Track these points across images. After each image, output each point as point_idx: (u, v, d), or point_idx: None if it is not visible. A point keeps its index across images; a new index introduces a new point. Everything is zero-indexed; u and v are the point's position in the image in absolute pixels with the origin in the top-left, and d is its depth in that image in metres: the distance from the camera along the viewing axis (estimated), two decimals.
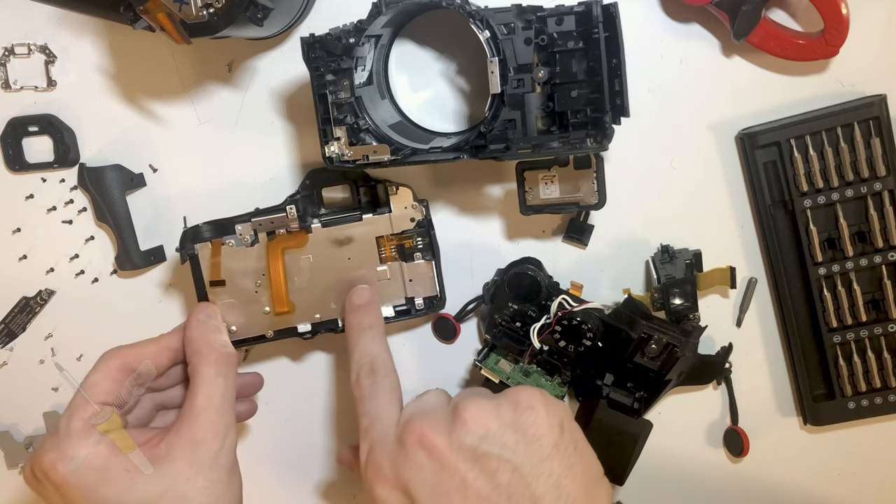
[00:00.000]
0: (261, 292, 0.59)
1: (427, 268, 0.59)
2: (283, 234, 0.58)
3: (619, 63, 0.48)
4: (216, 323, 0.56)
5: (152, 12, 0.48)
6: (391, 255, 0.59)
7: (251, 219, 0.57)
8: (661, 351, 0.55)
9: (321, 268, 0.59)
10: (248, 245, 0.58)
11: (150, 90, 0.63)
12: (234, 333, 0.59)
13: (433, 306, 0.60)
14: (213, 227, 0.58)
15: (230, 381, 0.52)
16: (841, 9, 0.53)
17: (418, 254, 0.59)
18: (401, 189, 0.58)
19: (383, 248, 0.59)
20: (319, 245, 0.58)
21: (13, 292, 0.67)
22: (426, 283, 0.60)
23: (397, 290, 0.60)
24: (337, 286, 0.59)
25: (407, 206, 0.58)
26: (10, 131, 0.63)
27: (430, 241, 0.59)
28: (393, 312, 0.60)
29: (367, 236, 0.58)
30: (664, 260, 0.60)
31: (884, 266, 0.58)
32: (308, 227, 0.58)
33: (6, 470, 0.70)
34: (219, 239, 0.58)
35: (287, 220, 0.57)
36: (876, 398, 0.60)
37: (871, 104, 0.56)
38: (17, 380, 0.69)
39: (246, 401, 0.62)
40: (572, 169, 0.57)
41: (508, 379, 0.59)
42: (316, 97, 0.53)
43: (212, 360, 0.52)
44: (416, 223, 0.58)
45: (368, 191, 0.60)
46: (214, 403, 0.51)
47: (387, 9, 0.50)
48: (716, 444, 0.65)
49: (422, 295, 0.60)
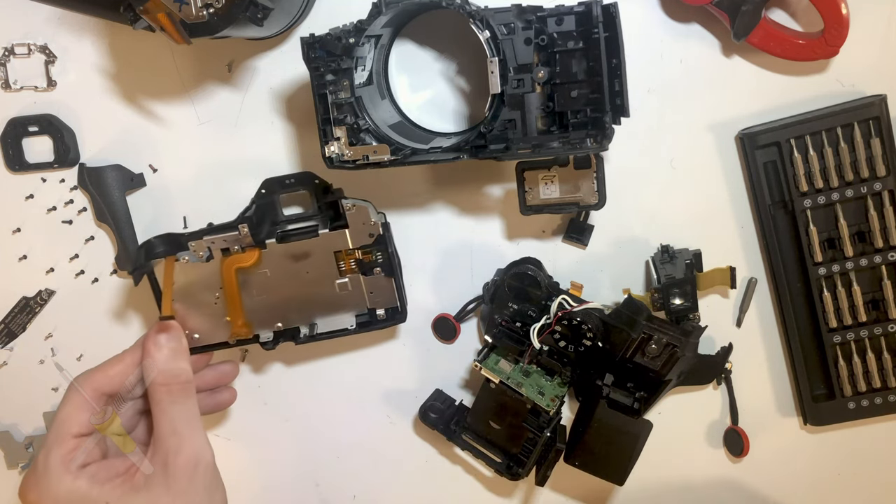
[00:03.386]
0: (220, 304, 0.58)
1: (387, 280, 0.59)
2: (237, 250, 0.57)
3: (619, 63, 0.48)
4: (173, 345, 0.54)
5: (152, 12, 0.48)
6: (351, 268, 0.58)
7: (203, 236, 0.56)
8: (661, 351, 0.55)
9: (279, 281, 0.58)
10: (203, 261, 0.57)
11: (150, 90, 0.63)
12: (196, 340, 0.59)
13: (394, 318, 0.60)
14: (166, 242, 0.57)
15: (188, 405, 0.53)
16: (841, 9, 0.53)
17: (378, 269, 0.58)
18: (357, 206, 0.57)
19: (342, 262, 0.58)
20: (275, 260, 0.58)
21: (13, 292, 0.67)
22: (386, 295, 0.59)
23: (358, 300, 0.59)
24: (297, 297, 0.59)
25: (365, 223, 0.57)
26: (10, 131, 0.63)
27: (388, 256, 0.58)
28: (354, 324, 0.60)
29: (325, 251, 0.58)
30: (664, 260, 0.60)
31: (884, 266, 0.58)
32: (262, 243, 0.57)
33: (6, 470, 0.70)
34: (172, 256, 0.57)
35: (240, 238, 0.57)
36: (876, 398, 0.60)
37: (871, 104, 0.56)
38: (17, 380, 0.68)
39: (225, 389, 0.63)
40: (572, 169, 0.57)
41: (508, 379, 0.58)
42: (316, 97, 0.53)
43: (166, 390, 0.52)
44: (374, 238, 0.57)
45: (328, 205, 0.59)
46: (179, 430, 0.51)
47: (387, 9, 0.50)
48: (716, 444, 0.65)
49: (383, 306, 0.59)
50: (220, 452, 0.70)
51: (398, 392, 0.67)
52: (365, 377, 0.67)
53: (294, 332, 0.60)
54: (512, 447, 0.60)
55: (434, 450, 0.68)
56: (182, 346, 0.55)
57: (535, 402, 0.58)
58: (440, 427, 0.63)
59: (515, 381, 0.58)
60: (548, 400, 0.58)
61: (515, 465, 0.60)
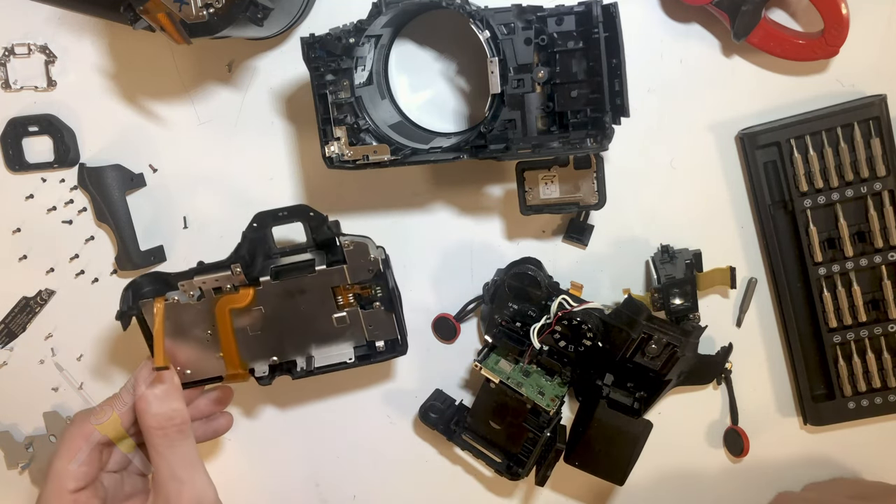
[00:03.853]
0: (213, 338, 0.55)
1: (387, 314, 0.56)
2: (230, 289, 0.54)
3: (619, 63, 0.48)
4: (165, 386, 0.53)
5: (152, 12, 0.48)
6: (349, 302, 0.56)
7: (193, 277, 0.53)
8: (661, 351, 0.55)
9: (274, 317, 0.55)
10: (194, 301, 0.54)
11: (150, 90, 0.63)
12: (188, 376, 0.56)
13: (395, 350, 0.58)
14: (154, 282, 0.54)
15: (185, 447, 0.52)
16: (841, 9, 0.53)
17: (377, 303, 0.56)
18: (356, 242, 0.54)
19: (340, 296, 0.56)
20: (270, 297, 0.55)
21: (13, 292, 0.67)
22: (386, 327, 0.57)
23: (357, 333, 0.57)
24: (293, 332, 0.56)
25: (364, 259, 0.54)
26: (10, 131, 0.63)
27: (388, 292, 0.55)
28: (353, 357, 0.57)
29: (323, 287, 0.55)
30: (664, 260, 0.60)
31: (884, 266, 0.58)
32: (256, 280, 0.54)
33: (6, 470, 0.70)
34: (161, 296, 0.54)
35: (233, 278, 0.54)
36: (876, 398, 0.60)
37: (871, 104, 0.56)
38: (17, 380, 0.68)
39: (220, 415, 0.61)
40: (572, 169, 0.57)
41: (508, 379, 0.58)
42: (316, 97, 0.53)
43: (162, 434, 0.51)
44: (374, 273, 0.54)
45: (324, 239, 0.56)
46: (178, 474, 0.51)
47: (387, 9, 0.50)
48: (716, 444, 0.65)
49: (382, 338, 0.57)
50: (220, 452, 0.70)
51: (398, 392, 0.67)
52: (365, 377, 0.67)
53: (291, 366, 0.57)
54: (512, 447, 0.60)
55: (434, 450, 0.68)
56: (174, 385, 0.53)
57: (535, 402, 0.58)
58: (440, 427, 0.63)
59: (515, 381, 0.58)
60: (548, 400, 0.58)
61: (515, 465, 0.60)
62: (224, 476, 0.71)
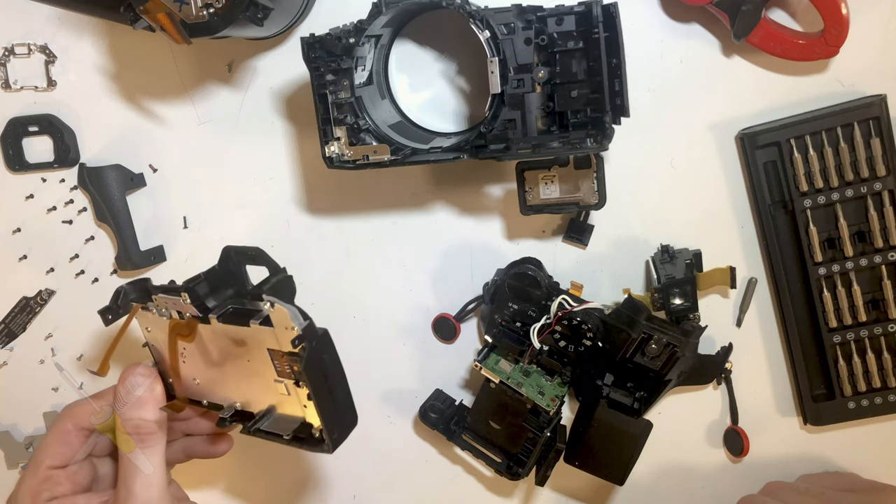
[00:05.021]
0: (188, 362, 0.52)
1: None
2: (188, 316, 0.49)
3: (619, 63, 0.48)
4: (138, 394, 0.51)
5: (152, 12, 0.48)
6: (286, 372, 0.47)
7: (159, 293, 0.50)
8: (661, 351, 0.55)
9: (225, 360, 0.50)
10: (166, 318, 0.51)
11: (150, 90, 0.63)
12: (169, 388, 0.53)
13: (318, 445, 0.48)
14: (139, 290, 0.52)
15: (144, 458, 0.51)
16: (841, 9, 0.53)
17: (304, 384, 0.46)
18: (277, 306, 0.45)
19: (278, 362, 0.48)
20: (219, 339, 0.49)
21: (13, 292, 0.67)
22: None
23: (294, 410, 0.49)
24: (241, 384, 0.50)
25: (288, 328, 0.45)
26: (10, 131, 0.63)
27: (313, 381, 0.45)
28: (291, 434, 0.48)
29: (259, 346, 0.47)
30: (664, 260, 0.60)
31: (884, 266, 0.58)
32: (205, 317, 0.48)
33: (6, 470, 0.70)
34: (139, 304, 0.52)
35: (183, 305, 0.49)
36: (876, 398, 0.60)
37: (871, 104, 0.56)
38: (17, 380, 0.69)
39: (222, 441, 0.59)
40: (572, 169, 0.57)
41: (508, 379, 0.58)
42: (316, 97, 0.53)
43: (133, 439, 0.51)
44: (298, 348, 0.45)
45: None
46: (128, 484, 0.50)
47: (387, 9, 0.50)
48: (716, 444, 0.65)
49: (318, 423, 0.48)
50: None
51: (398, 392, 0.67)
52: (365, 377, 0.67)
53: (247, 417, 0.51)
54: (512, 447, 0.60)
55: (434, 450, 0.68)
56: (153, 395, 0.51)
57: (535, 402, 0.58)
58: (440, 427, 0.63)
59: (515, 381, 0.58)
60: (548, 400, 0.58)
61: (515, 465, 0.60)
62: (223, 476, 0.71)
